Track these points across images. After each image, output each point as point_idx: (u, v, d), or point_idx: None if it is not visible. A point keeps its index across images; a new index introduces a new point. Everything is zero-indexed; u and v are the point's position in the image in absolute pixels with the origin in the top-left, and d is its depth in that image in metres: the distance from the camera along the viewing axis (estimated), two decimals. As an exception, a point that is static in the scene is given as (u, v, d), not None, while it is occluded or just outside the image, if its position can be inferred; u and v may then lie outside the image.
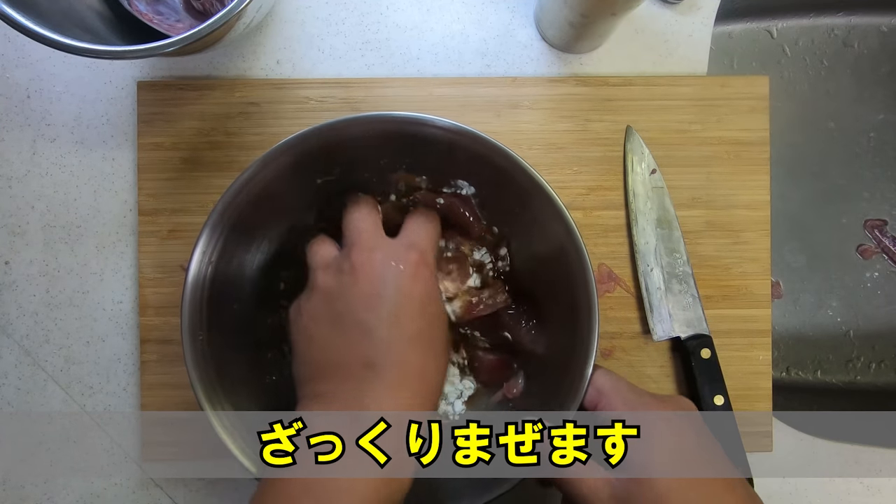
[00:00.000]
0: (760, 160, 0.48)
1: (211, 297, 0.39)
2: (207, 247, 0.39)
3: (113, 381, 0.48)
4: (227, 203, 0.39)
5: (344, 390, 0.34)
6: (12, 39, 0.49)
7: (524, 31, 0.49)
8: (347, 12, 0.49)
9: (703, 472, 0.35)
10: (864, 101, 0.59)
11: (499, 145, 0.38)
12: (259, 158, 0.38)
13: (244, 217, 0.40)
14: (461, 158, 0.40)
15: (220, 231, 0.39)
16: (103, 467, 0.48)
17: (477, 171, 0.41)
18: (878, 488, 0.49)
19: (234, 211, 0.39)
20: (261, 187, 0.39)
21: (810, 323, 0.59)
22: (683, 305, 0.47)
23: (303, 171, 0.40)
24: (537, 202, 0.39)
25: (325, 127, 0.38)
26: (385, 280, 0.36)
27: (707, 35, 0.49)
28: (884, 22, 0.59)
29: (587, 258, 0.38)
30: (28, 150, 0.48)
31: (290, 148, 0.38)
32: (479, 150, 0.39)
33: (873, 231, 0.59)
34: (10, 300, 0.48)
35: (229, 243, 0.40)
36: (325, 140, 0.39)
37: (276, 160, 0.39)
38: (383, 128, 0.39)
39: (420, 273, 0.37)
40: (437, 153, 0.40)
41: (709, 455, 0.36)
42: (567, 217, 0.39)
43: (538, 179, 0.38)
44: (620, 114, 0.48)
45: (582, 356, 0.38)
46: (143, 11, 0.45)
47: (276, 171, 0.39)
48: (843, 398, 0.57)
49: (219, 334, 0.40)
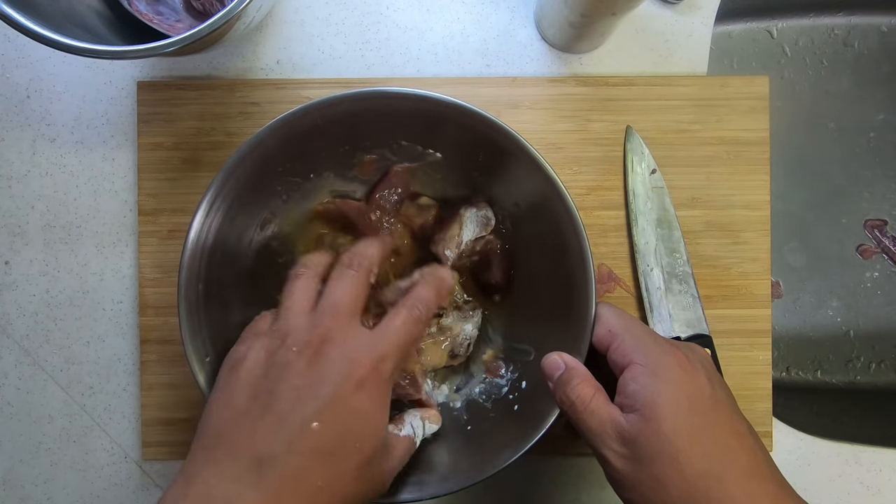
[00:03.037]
0: (760, 160, 0.48)
1: (211, 259, 0.39)
2: (210, 210, 0.39)
3: (113, 381, 0.48)
4: (232, 167, 0.39)
5: (221, 474, 0.31)
6: (12, 39, 0.49)
7: (524, 31, 0.49)
8: (347, 12, 0.49)
9: (712, 417, 0.34)
10: (864, 101, 0.59)
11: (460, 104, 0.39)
12: (267, 126, 0.38)
13: (249, 185, 0.39)
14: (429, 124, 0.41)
15: (226, 191, 0.39)
16: (103, 467, 0.48)
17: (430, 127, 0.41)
18: (878, 488, 0.49)
19: (240, 177, 0.39)
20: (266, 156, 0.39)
21: (810, 323, 0.59)
22: (683, 305, 0.47)
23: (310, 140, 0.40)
24: (515, 158, 0.40)
25: (324, 103, 0.39)
26: (325, 379, 0.32)
27: (707, 35, 0.49)
28: (884, 22, 0.59)
29: (569, 200, 0.39)
30: (28, 150, 0.48)
31: (291, 120, 0.39)
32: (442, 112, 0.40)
33: (873, 231, 0.59)
34: (10, 300, 0.48)
35: (231, 210, 0.39)
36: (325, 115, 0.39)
37: (281, 130, 0.39)
38: (399, 104, 0.39)
39: (367, 387, 0.33)
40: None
41: (719, 401, 0.35)
42: (544, 165, 0.39)
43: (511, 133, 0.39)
44: (620, 114, 0.48)
45: (582, 290, 0.39)
46: (143, 11, 0.45)
47: (279, 141, 0.39)
48: (843, 398, 0.57)
49: (215, 296, 0.40)
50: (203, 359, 0.39)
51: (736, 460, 0.34)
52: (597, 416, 0.35)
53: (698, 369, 0.36)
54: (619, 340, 0.37)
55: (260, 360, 0.34)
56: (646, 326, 0.38)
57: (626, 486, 0.34)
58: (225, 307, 0.40)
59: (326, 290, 0.36)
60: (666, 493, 0.33)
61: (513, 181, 0.42)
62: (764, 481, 0.33)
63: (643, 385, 0.34)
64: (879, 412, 0.56)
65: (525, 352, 0.44)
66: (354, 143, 0.42)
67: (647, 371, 0.35)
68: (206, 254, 0.39)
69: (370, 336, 0.34)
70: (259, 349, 0.34)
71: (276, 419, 0.32)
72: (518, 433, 0.39)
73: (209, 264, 0.39)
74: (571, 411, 0.36)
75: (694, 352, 0.38)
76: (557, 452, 0.48)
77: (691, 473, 0.33)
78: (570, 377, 0.37)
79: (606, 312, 0.38)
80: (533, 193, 0.41)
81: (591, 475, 0.49)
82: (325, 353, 0.33)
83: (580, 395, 0.36)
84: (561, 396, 0.37)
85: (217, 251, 0.39)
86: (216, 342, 0.39)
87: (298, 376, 0.33)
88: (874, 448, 0.49)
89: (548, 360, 0.38)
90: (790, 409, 0.51)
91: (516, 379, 0.44)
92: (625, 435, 0.34)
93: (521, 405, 0.42)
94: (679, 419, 0.33)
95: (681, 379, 0.35)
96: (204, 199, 0.38)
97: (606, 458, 0.35)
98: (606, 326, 0.38)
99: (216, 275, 0.40)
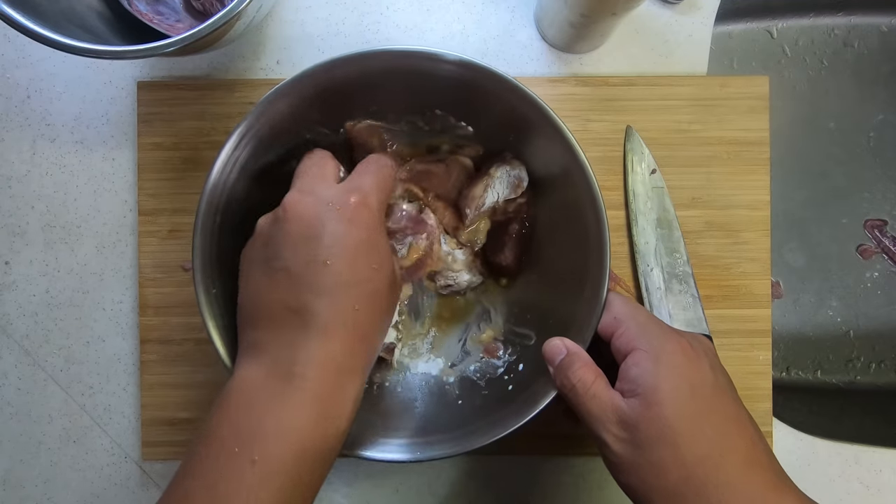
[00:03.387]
0: (760, 160, 0.48)
1: (230, 199, 0.39)
2: (238, 145, 0.39)
3: (113, 381, 0.48)
4: (259, 114, 0.39)
5: (274, 340, 0.34)
6: (12, 39, 0.49)
7: (524, 31, 0.49)
8: (347, 12, 0.49)
9: (713, 404, 0.35)
10: (864, 101, 0.59)
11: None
12: (287, 81, 0.38)
13: (278, 128, 0.39)
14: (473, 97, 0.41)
15: (253, 132, 0.39)
16: (103, 467, 0.48)
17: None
18: (878, 488, 0.49)
19: (273, 117, 0.39)
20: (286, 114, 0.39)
21: (810, 323, 0.59)
22: (683, 305, 0.47)
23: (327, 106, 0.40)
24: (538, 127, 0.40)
25: (347, 58, 0.39)
26: (317, 222, 0.34)
27: (707, 35, 0.49)
28: (884, 22, 0.59)
29: (593, 179, 0.39)
30: (28, 150, 0.48)
31: (315, 75, 0.39)
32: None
33: (873, 231, 0.59)
34: (10, 300, 0.48)
35: (258, 149, 0.40)
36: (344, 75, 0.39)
37: (299, 88, 0.39)
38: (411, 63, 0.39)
39: (359, 216, 0.35)
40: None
41: (721, 388, 0.36)
42: (570, 139, 0.39)
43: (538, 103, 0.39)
44: (620, 114, 0.48)
45: (596, 276, 0.39)
46: (143, 11, 0.45)
47: (298, 99, 0.39)
48: (843, 398, 0.57)
49: (229, 232, 0.40)
50: (210, 290, 0.39)
51: (735, 448, 0.34)
52: (598, 399, 0.35)
53: (701, 357, 0.36)
54: (623, 327, 0.37)
55: (261, 239, 0.36)
56: (651, 315, 0.38)
57: (624, 470, 0.34)
58: (240, 238, 0.40)
59: (352, 175, 0.38)
60: (664, 477, 0.33)
61: (541, 163, 0.42)
62: (762, 469, 0.33)
63: (645, 370, 0.35)
64: (879, 412, 0.56)
65: (526, 336, 0.44)
66: (387, 105, 0.42)
67: (649, 357, 0.35)
68: (227, 188, 0.39)
69: (344, 184, 0.37)
70: (257, 232, 0.36)
71: (288, 274, 0.34)
72: (512, 412, 0.39)
73: (228, 201, 0.39)
74: (572, 395, 0.36)
75: (698, 340, 0.38)
76: (557, 452, 0.48)
77: (690, 459, 0.33)
78: (572, 361, 0.37)
79: (612, 298, 0.39)
80: (560, 176, 0.41)
81: (591, 475, 0.49)
82: (305, 203, 0.35)
83: (581, 379, 0.36)
84: (562, 380, 0.37)
85: (238, 186, 0.40)
86: (224, 275, 0.39)
87: (290, 233, 0.34)
88: (874, 448, 0.49)
89: (549, 344, 0.38)
90: (790, 409, 0.51)
91: (514, 361, 0.44)
92: (625, 419, 0.34)
93: (516, 387, 0.42)
94: (680, 405, 0.34)
95: (683, 365, 0.35)
96: (234, 133, 0.38)
97: (606, 442, 0.35)
98: (612, 313, 0.38)
99: (234, 209, 0.40)
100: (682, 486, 0.33)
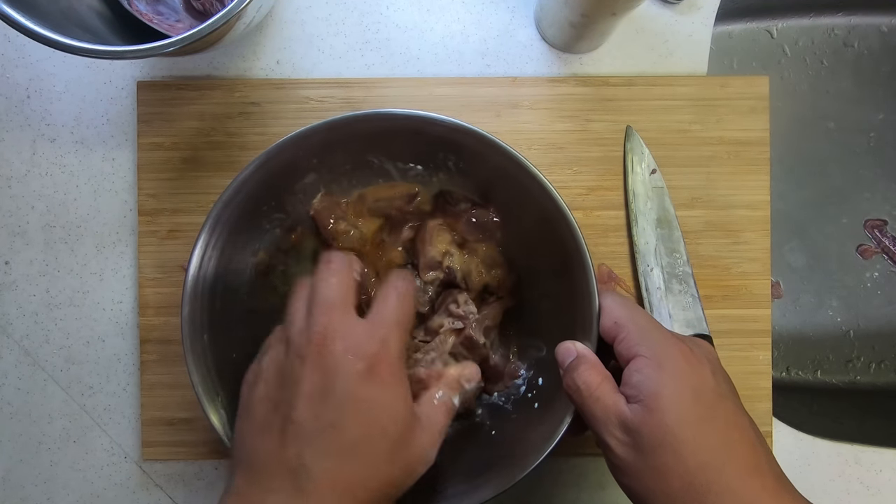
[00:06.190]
0: (760, 160, 0.48)
1: (212, 296, 0.39)
2: (207, 245, 0.39)
3: (113, 381, 0.48)
4: (227, 201, 0.39)
5: (264, 500, 0.32)
6: (12, 39, 0.49)
7: (524, 31, 0.49)
8: (347, 12, 0.49)
9: (715, 410, 0.35)
10: (864, 101, 0.59)
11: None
12: (261, 154, 0.39)
13: (244, 215, 0.40)
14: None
15: (219, 229, 0.39)
16: (103, 467, 0.48)
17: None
18: (878, 488, 0.49)
19: (234, 209, 0.39)
20: (260, 184, 0.39)
21: (810, 323, 0.59)
22: (683, 305, 0.47)
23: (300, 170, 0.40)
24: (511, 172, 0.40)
25: (327, 124, 0.39)
26: (334, 376, 0.32)
27: (707, 35, 0.49)
28: (884, 22, 0.59)
29: (565, 206, 0.39)
30: (28, 150, 0.48)
31: (290, 145, 0.39)
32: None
33: (873, 231, 0.59)
34: (10, 300, 0.48)
35: (228, 243, 0.40)
36: (325, 137, 0.39)
37: (276, 158, 0.39)
38: (391, 125, 0.39)
39: (378, 372, 0.33)
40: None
41: (722, 394, 0.35)
42: (543, 182, 0.39)
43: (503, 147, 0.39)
44: (620, 114, 0.48)
45: (584, 291, 0.39)
46: (143, 11, 0.45)
47: (275, 168, 0.39)
48: (843, 398, 0.57)
49: (219, 333, 0.40)
50: (215, 398, 0.39)
51: (737, 454, 0.34)
52: (601, 403, 0.35)
53: (703, 362, 0.36)
54: (624, 332, 0.37)
55: (271, 373, 0.34)
56: (651, 317, 0.38)
57: (626, 473, 0.34)
58: (230, 345, 0.41)
59: (314, 290, 0.35)
60: (666, 483, 0.33)
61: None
62: (764, 476, 0.33)
63: (647, 376, 0.34)
64: (879, 412, 0.56)
65: (537, 348, 0.44)
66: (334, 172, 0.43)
67: (651, 363, 0.35)
68: (206, 291, 0.39)
69: (367, 323, 0.34)
70: (269, 362, 0.35)
71: (296, 428, 0.32)
72: (543, 434, 0.39)
73: (211, 307, 0.40)
74: (577, 397, 0.36)
75: (699, 345, 0.38)
76: (558, 452, 0.48)
77: (692, 465, 0.33)
78: (579, 363, 0.37)
79: (610, 303, 0.38)
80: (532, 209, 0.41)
81: (592, 475, 0.49)
82: (328, 351, 0.33)
83: (586, 382, 0.36)
84: (568, 382, 0.37)
85: (217, 287, 0.40)
86: (224, 380, 0.40)
87: (307, 382, 0.33)
88: (874, 448, 0.49)
89: (561, 347, 0.39)
90: (790, 409, 0.51)
91: (532, 376, 0.44)
92: (628, 424, 0.34)
93: (541, 403, 0.42)
94: (682, 411, 0.34)
95: (685, 371, 0.35)
96: (199, 238, 0.39)
97: (609, 445, 0.35)
98: (612, 318, 0.38)
99: (219, 316, 0.40)
100: (684, 492, 0.33)
